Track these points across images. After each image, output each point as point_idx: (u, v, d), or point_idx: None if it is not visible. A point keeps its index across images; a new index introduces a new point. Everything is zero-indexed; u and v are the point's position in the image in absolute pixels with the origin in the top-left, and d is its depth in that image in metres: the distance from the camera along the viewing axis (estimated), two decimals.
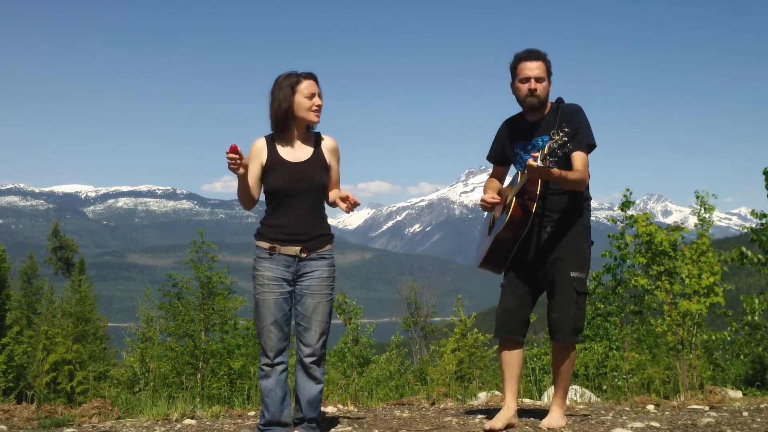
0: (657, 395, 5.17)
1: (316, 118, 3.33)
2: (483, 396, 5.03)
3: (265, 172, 3.31)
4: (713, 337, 6.84)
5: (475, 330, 10.79)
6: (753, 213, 7.54)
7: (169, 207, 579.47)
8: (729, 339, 7.14)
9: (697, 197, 7.87)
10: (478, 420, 3.84)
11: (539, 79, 3.48)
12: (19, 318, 16.93)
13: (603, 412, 4.11)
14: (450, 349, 10.74)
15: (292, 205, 3.29)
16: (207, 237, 9.62)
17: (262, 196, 3.41)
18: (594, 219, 3.73)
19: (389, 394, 7.51)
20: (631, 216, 6.91)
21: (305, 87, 3.28)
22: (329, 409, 4.50)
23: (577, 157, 3.44)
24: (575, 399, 4.99)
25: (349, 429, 3.71)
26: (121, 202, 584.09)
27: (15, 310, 16.81)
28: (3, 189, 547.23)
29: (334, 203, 3.39)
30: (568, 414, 3.83)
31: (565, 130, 3.15)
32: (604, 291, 7.47)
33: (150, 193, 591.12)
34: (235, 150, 3.13)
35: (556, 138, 3.17)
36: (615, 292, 7.09)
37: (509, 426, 3.52)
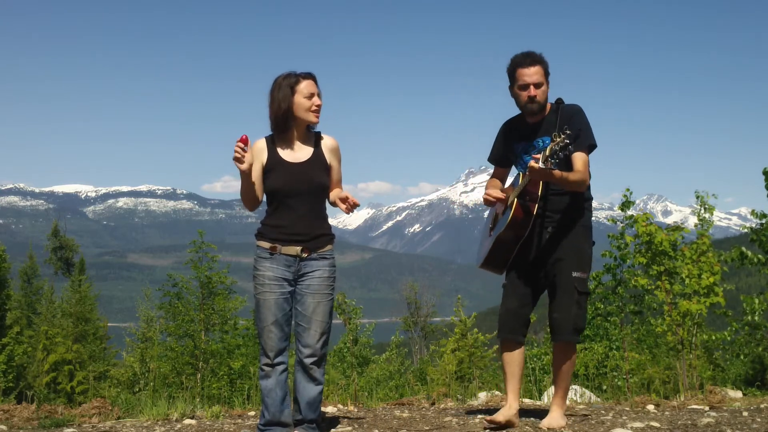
0: (657, 395, 5.17)
1: (315, 118, 3.32)
2: (483, 396, 5.03)
3: (266, 172, 3.31)
4: (713, 337, 6.85)
5: (475, 330, 10.79)
6: (753, 213, 7.54)
7: (169, 207, 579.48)
8: (729, 339, 7.14)
9: (697, 197, 7.87)
10: (478, 420, 3.84)
11: (538, 85, 3.47)
12: (19, 318, 16.93)
13: (603, 412, 4.11)
14: (450, 349, 10.74)
15: (292, 206, 3.29)
16: (207, 237, 9.63)
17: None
18: (594, 219, 3.73)
19: (389, 394, 7.51)
20: (631, 216, 6.91)
21: (304, 87, 3.28)
22: (329, 409, 4.50)
23: (578, 158, 3.44)
24: (575, 399, 4.99)
25: (349, 429, 3.71)
26: (121, 202, 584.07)
27: (15, 310, 16.81)
28: (3, 189, 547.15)
29: (334, 203, 3.39)
30: (568, 414, 3.83)
31: (567, 132, 3.15)
32: (604, 291, 7.48)
33: (150, 193, 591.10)
34: (245, 141, 3.15)
35: (557, 140, 3.16)
36: (615, 292, 7.10)
37: (509, 424, 3.52)
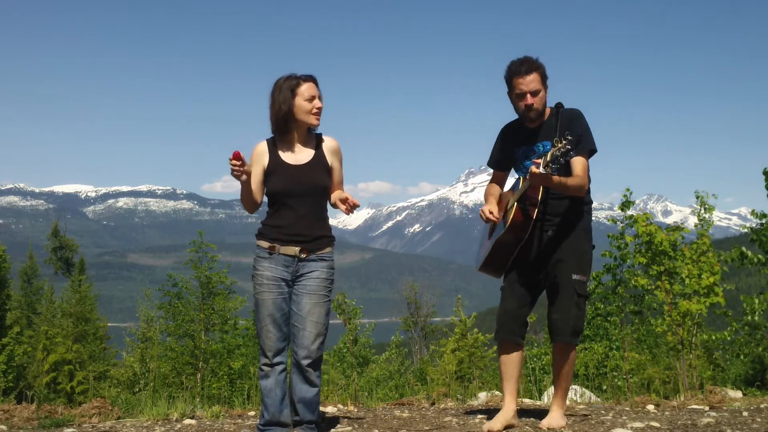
0: (657, 395, 5.17)
1: (316, 120, 3.32)
2: (483, 396, 5.03)
3: (267, 175, 3.31)
4: (713, 337, 6.84)
5: (475, 330, 10.79)
6: (753, 213, 7.54)
7: (169, 207, 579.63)
8: (729, 339, 7.14)
9: (697, 197, 7.87)
10: (478, 420, 3.84)
11: (535, 93, 3.46)
12: (19, 318, 16.93)
13: (603, 412, 4.11)
14: (450, 349, 10.74)
15: (293, 207, 3.30)
16: (207, 237, 9.63)
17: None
18: (594, 219, 3.73)
19: (389, 394, 7.51)
20: (631, 216, 6.91)
21: (305, 89, 3.28)
22: (329, 409, 4.50)
23: (578, 162, 3.43)
24: (575, 399, 4.99)
25: (349, 429, 3.71)
26: (121, 202, 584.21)
27: (15, 310, 16.80)
28: (3, 189, 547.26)
29: (334, 205, 3.39)
30: (568, 414, 3.83)
31: (569, 138, 3.14)
32: (604, 291, 7.48)
33: (150, 193, 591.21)
34: (238, 156, 3.12)
35: (559, 146, 3.16)
36: (615, 292, 7.10)
37: (509, 426, 3.52)
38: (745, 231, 7.73)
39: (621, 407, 4.34)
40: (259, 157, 3.33)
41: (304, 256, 3.30)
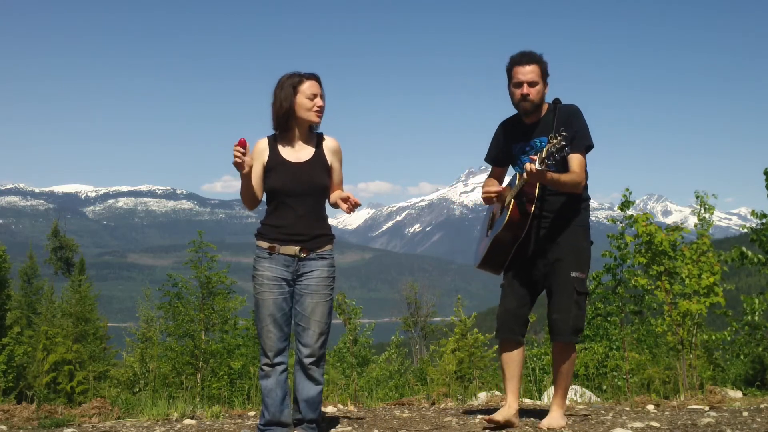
0: (657, 395, 5.17)
1: (316, 118, 3.33)
2: (483, 396, 5.03)
3: (267, 172, 3.31)
4: (713, 337, 6.84)
5: (475, 330, 10.79)
6: (753, 213, 7.54)
7: (169, 207, 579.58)
8: (729, 339, 7.14)
9: (697, 197, 7.87)
10: (478, 420, 3.84)
11: (532, 84, 3.47)
12: (19, 318, 16.92)
13: (603, 412, 4.11)
14: (450, 349, 10.74)
15: (292, 206, 3.30)
16: (207, 237, 9.63)
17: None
18: (594, 219, 3.74)
19: (389, 394, 7.51)
20: (631, 216, 6.91)
21: (307, 87, 3.29)
22: (329, 409, 4.50)
23: (574, 159, 3.44)
24: (575, 399, 4.99)
25: (349, 429, 3.71)
26: (121, 202, 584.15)
27: (15, 310, 16.80)
28: (3, 189, 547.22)
29: (335, 204, 3.39)
30: (568, 414, 3.83)
31: (563, 134, 3.15)
32: (604, 291, 7.47)
33: (150, 193, 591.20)
34: (243, 144, 3.15)
35: (554, 142, 3.17)
36: (615, 292, 7.10)
37: (509, 424, 3.52)
38: (745, 231, 7.73)
39: (621, 407, 4.34)
40: (260, 154, 3.33)
41: (304, 255, 3.30)
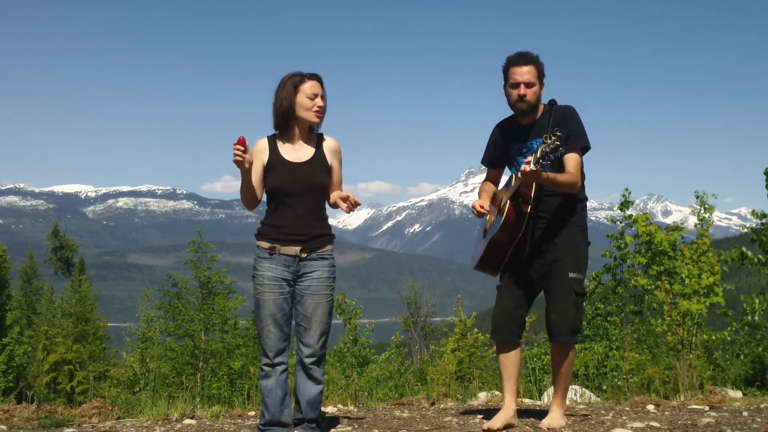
0: (657, 395, 5.17)
1: (316, 118, 3.33)
2: (483, 396, 5.03)
3: (267, 171, 3.32)
4: (713, 337, 6.84)
5: (475, 330, 10.79)
6: (753, 213, 7.54)
7: (169, 207, 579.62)
8: (729, 339, 7.14)
9: (697, 197, 7.87)
10: (478, 420, 3.84)
11: (529, 84, 3.47)
12: (19, 318, 16.92)
13: (603, 412, 4.11)
14: (450, 349, 10.74)
15: (292, 206, 3.30)
16: (207, 237, 9.63)
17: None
18: (594, 219, 3.75)
19: (389, 394, 7.51)
20: (631, 216, 6.92)
21: (308, 87, 3.29)
22: (329, 409, 4.50)
23: (570, 159, 3.44)
24: (575, 399, 4.99)
25: (349, 429, 3.71)
26: (121, 202, 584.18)
27: (15, 310, 16.80)
28: (3, 189, 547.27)
29: (335, 204, 3.39)
30: (568, 414, 3.83)
31: (558, 134, 3.15)
32: (604, 291, 7.47)
33: (150, 193, 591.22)
34: (243, 142, 3.15)
35: (548, 142, 3.17)
36: (615, 292, 7.10)
37: (509, 426, 3.52)
38: (745, 231, 7.73)
39: (621, 407, 4.34)
40: (260, 154, 3.33)
41: (304, 255, 3.31)
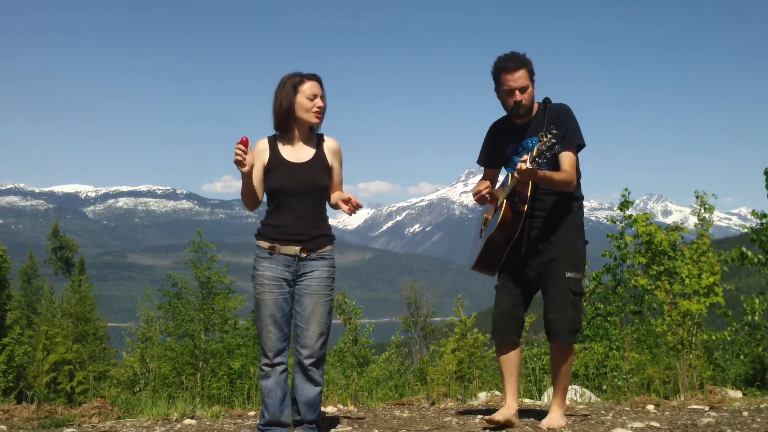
0: (657, 395, 5.17)
1: (316, 119, 3.33)
2: (483, 396, 5.03)
3: (267, 172, 3.32)
4: (713, 337, 6.84)
5: (475, 330, 10.79)
6: (753, 213, 7.54)
7: (169, 207, 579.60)
8: (729, 339, 7.14)
9: (697, 197, 7.87)
10: (478, 420, 3.84)
11: (523, 89, 3.46)
12: (19, 318, 16.93)
13: (603, 412, 4.11)
14: (450, 349, 10.74)
15: (292, 206, 3.30)
16: (207, 237, 9.63)
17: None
18: (594, 219, 3.75)
19: (389, 394, 7.51)
20: (630, 216, 6.92)
21: (308, 88, 3.29)
22: (329, 409, 4.50)
23: (565, 157, 3.43)
24: (575, 399, 4.99)
25: (349, 429, 3.71)
26: (121, 202, 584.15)
27: (15, 310, 16.81)
28: (3, 189, 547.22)
29: (336, 205, 3.39)
30: (568, 414, 3.83)
31: (553, 132, 3.15)
32: (604, 291, 7.47)
33: (150, 193, 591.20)
34: (245, 143, 3.16)
35: (544, 140, 3.17)
36: (615, 292, 7.10)
37: (509, 424, 3.52)
38: (745, 231, 7.73)
39: (621, 407, 4.34)
40: (260, 154, 3.33)
41: (304, 255, 3.30)
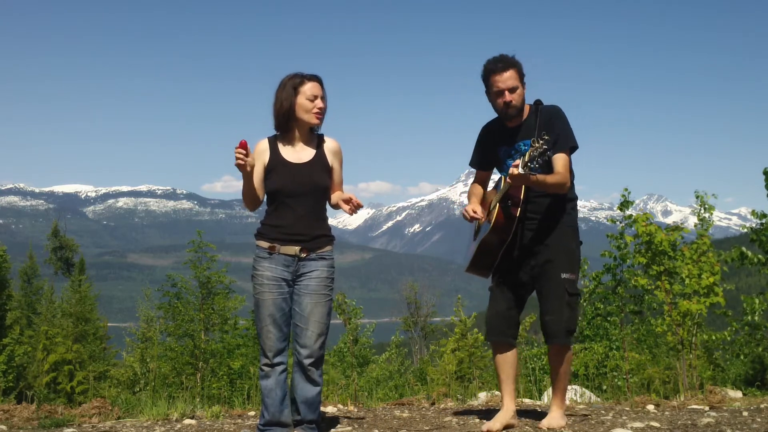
0: (657, 395, 5.17)
1: (316, 120, 3.33)
2: (483, 396, 5.04)
3: (267, 172, 3.32)
4: (713, 337, 6.84)
5: (475, 330, 10.78)
6: (753, 213, 7.54)
7: (169, 207, 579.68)
8: (729, 339, 7.14)
9: (697, 197, 7.87)
10: (478, 420, 3.84)
11: (512, 90, 3.45)
12: (20, 318, 16.91)
13: (603, 412, 4.11)
14: (450, 349, 10.73)
15: (292, 206, 3.30)
16: (207, 237, 9.62)
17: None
18: (594, 219, 3.75)
19: (389, 394, 7.51)
20: (630, 216, 6.92)
21: (308, 89, 3.29)
22: (329, 409, 4.50)
23: (558, 159, 3.43)
24: (575, 399, 4.99)
25: (349, 429, 3.71)
26: (121, 202, 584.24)
27: (15, 310, 16.79)
28: (3, 189, 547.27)
29: (336, 205, 3.39)
30: (568, 414, 3.83)
31: (545, 137, 3.14)
32: (604, 291, 7.47)
33: (150, 193, 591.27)
34: (245, 146, 3.15)
35: (536, 146, 3.16)
36: (615, 292, 7.09)
37: (508, 426, 3.52)
38: (745, 231, 7.73)
39: (621, 407, 4.34)
40: (260, 155, 3.33)
41: (304, 255, 3.30)
